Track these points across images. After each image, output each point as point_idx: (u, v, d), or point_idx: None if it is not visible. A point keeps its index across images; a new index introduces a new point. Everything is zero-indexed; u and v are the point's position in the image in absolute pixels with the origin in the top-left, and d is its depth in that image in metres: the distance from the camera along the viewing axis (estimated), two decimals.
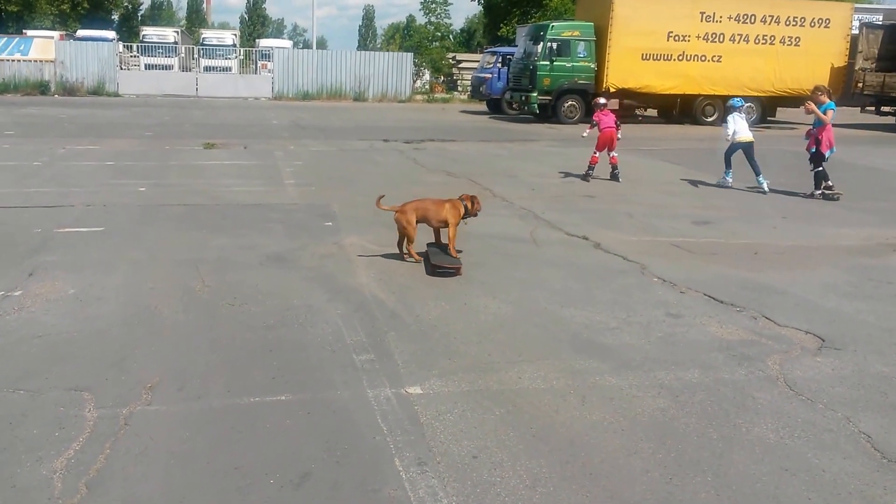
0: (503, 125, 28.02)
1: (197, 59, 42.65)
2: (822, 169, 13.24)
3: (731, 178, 14.49)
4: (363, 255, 8.62)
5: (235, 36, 51.72)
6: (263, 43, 53.57)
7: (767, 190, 13.89)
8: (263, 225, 10.09)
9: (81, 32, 47.66)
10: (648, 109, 30.91)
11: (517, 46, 34.07)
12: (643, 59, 27.90)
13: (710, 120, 28.63)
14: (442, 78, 51.04)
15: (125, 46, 46.31)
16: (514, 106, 31.14)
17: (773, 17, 28.45)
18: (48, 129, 21.49)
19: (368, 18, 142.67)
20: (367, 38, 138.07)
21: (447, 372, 5.38)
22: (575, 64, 28.12)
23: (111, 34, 46.78)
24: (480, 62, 38.47)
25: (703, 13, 28.06)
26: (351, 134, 22.59)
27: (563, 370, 5.49)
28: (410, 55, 44.26)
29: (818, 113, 13.05)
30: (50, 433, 4.32)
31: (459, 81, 49.01)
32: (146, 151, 17.26)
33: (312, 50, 46.22)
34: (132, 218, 10.28)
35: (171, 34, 46.71)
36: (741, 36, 28.40)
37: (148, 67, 41.72)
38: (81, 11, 62.17)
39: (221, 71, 41.73)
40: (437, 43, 65.01)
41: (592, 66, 28.15)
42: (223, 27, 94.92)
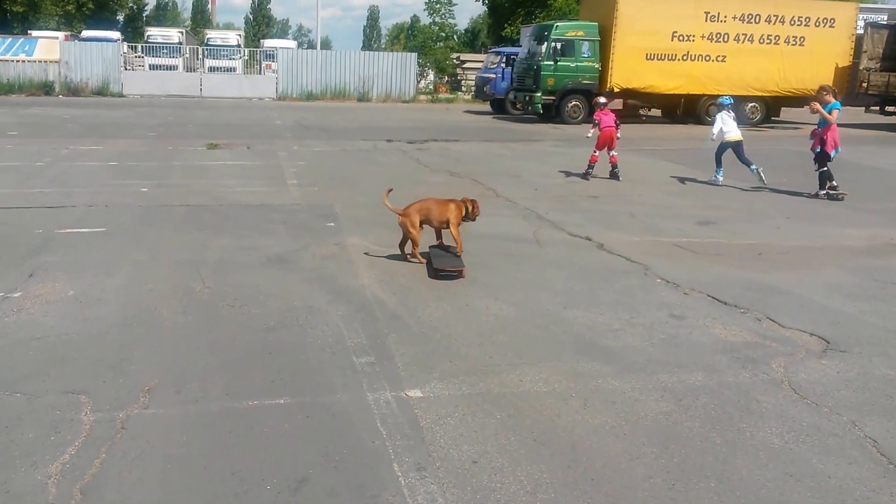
0: (507, 125, 27.96)
1: (201, 59, 42.66)
2: (826, 169, 13.17)
3: (721, 176, 14.63)
4: (365, 255, 8.57)
5: (240, 36, 51.67)
6: (268, 43, 53.62)
7: (764, 178, 14.10)
8: (265, 225, 10.05)
9: (86, 33, 47.64)
10: (652, 109, 30.84)
11: (521, 46, 34.01)
12: (647, 58, 27.83)
13: (713, 120, 28.51)
14: (446, 78, 50.98)
15: (130, 47, 46.31)
16: (517, 106, 31.09)
17: (777, 16, 28.37)
18: (52, 129, 21.47)
19: (373, 19, 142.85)
20: (371, 38, 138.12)
21: (448, 375, 5.33)
22: (579, 64, 28.05)
23: (116, 35, 46.77)
24: (484, 62, 38.43)
25: (707, 13, 27.98)
26: (354, 134, 22.55)
27: (565, 373, 5.44)
28: (414, 55, 44.20)
29: (823, 113, 12.99)
30: (45, 437, 4.28)
31: (463, 81, 48.97)
32: (149, 152, 17.23)
33: (316, 50, 46.22)
34: (134, 218, 10.24)
35: (175, 35, 46.76)
36: (746, 36, 28.32)
37: (152, 68, 41.76)
38: (86, 12, 62.25)
39: (226, 71, 41.75)
40: (441, 43, 64.98)
41: (596, 66, 28.07)
42: (228, 28, 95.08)
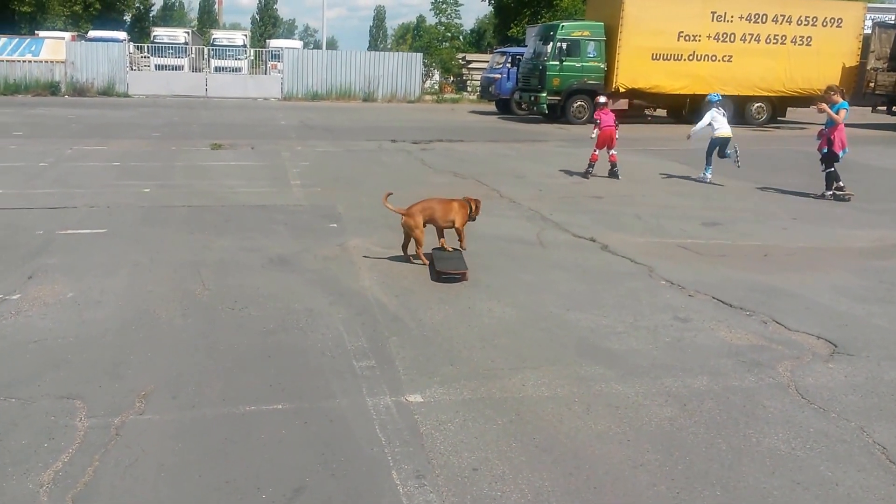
0: (512, 125, 27.86)
1: (207, 59, 42.65)
2: (833, 169, 13.08)
3: (710, 174, 14.88)
4: (367, 257, 8.50)
5: (246, 36, 51.74)
6: (273, 43, 53.59)
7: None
8: (267, 226, 9.99)
9: (93, 33, 47.75)
10: (657, 109, 30.71)
11: (526, 46, 33.91)
12: (653, 59, 27.70)
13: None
14: (452, 78, 50.88)
15: (136, 47, 46.33)
16: (523, 106, 31.01)
17: (784, 16, 28.22)
18: (56, 129, 21.45)
19: (379, 19, 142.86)
20: (377, 38, 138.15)
21: (449, 379, 5.25)
22: (585, 64, 27.93)
23: (122, 35, 46.83)
24: (490, 62, 38.32)
25: (713, 13, 27.84)
26: (359, 134, 22.48)
27: (567, 377, 5.36)
28: (420, 55, 44.12)
29: (830, 113, 12.89)
30: (39, 444, 4.21)
31: (469, 82, 48.85)
32: (153, 152, 17.19)
33: (322, 50, 46.14)
34: (135, 219, 10.19)
35: (181, 35, 46.84)
36: (752, 36, 28.18)
37: (158, 68, 41.76)
38: (93, 12, 62.41)
39: (232, 71, 41.71)
40: (447, 43, 64.83)
41: (602, 66, 27.96)
42: (234, 28, 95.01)
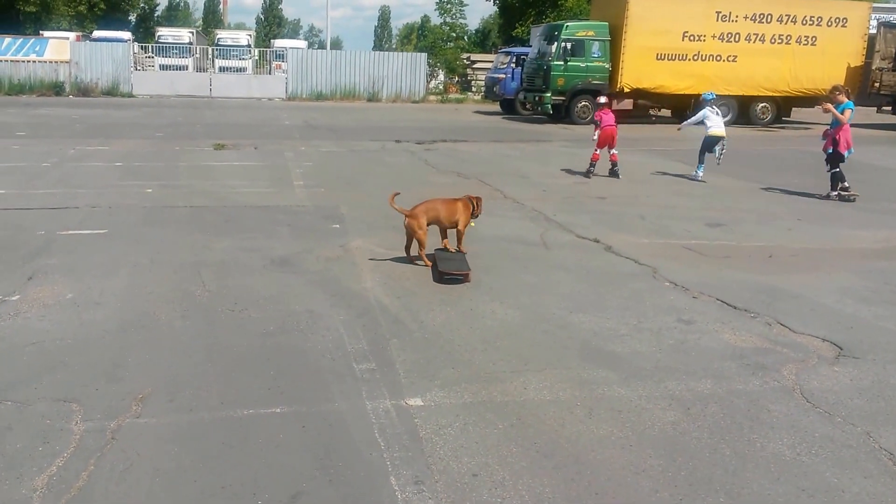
0: (516, 125, 27.80)
1: (211, 59, 42.65)
2: (838, 170, 13.00)
3: (702, 172, 15.07)
4: (369, 258, 8.45)
5: (250, 36, 51.72)
6: (278, 43, 53.55)
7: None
8: (269, 227, 9.94)
9: (97, 33, 47.72)
10: (662, 109, 30.62)
11: (531, 46, 33.85)
12: (658, 58, 27.63)
13: (724, 120, 28.21)
14: (456, 78, 50.82)
15: (141, 47, 46.35)
16: (527, 106, 30.93)
17: (789, 16, 28.12)
18: (59, 129, 21.43)
19: (384, 19, 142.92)
20: (382, 38, 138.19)
21: (450, 382, 5.19)
22: (589, 64, 27.86)
23: (126, 35, 46.80)
24: (494, 62, 38.27)
25: (718, 12, 27.76)
26: (363, 134, 22.43)
27: (570, 380, 5.30)
28: (424, 55, 44.08)
29: (835, 113, 12.81)
30: (34, 448, 4.16)
31: (474, 82, 48.80)
32: (156, 152, 17.15)
33: (326, 50, 46.10)
34: (136, 220, 10.15)
35: (186, 35, 46.84)
36: (757, 35, 28.09)
37: (163, 68, 41.77)
38: (98, 13, 62.40)
39: (236, 71, 41.73)
40: (451, 43, 64.84)
41: (607, 66, 27.88)
42: (239, 28, 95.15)
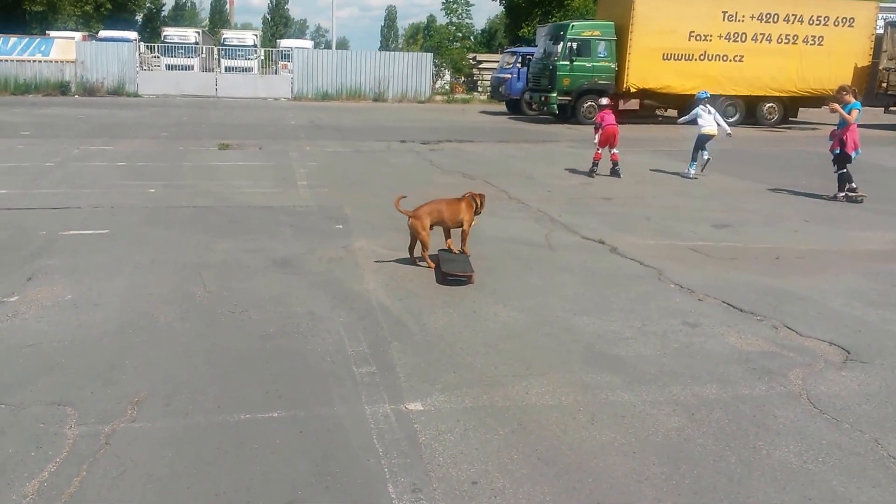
0: (522, 126, 27.72)
1: (217, 59, 42.64)
2: (846, 171, 12.91)
3: (693, 170, 15.29)
4: (372, 259, 8.38)
5: (256, 36, 51.66)
6: (284, 43, 53.52)
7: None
8: (272, 228, 9.88)
9: (103, 33, 47.81)
10: (668, 110, 30.52)
11: (537, 46, 33.76)
12: (664, 59, 27.52)
13: (731, 121, 28.11)
14: (462, 78, 50.76)
15: (147, 47, 46.38)
16: (533, 106, 30.88)
17: (796, 16, 28.00)
18: (64, 129, 21.41)
19: (390, 19, 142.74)
20: (388, 38, 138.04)
21: (451, 386, 5.11)
22: (595, 64, 27.77)
23: (132, 35, 46.87)
24: (500, 62, 38.20)
25: (725, 12, 27.65)
26: (368, 135, 22.38)
27: (573, 384, 5.21)
28: (430, 55, 44.04)
29: (842, 113, 12.72)
30: (26, 452, 4.10)
31: (480, 82, 48.74)
32: (160, 152, 17.12)
33: (332, 50, 46.04)
34: (139, 220, 10.10)
35: (192, 35, 46.83)
36: (764, 35, 27.97)
37: (169, 68, 41.77)
38: (104, 12, 62.48)
39: (242, 71, 41.71)
40: (457, 43, 64.74)
41: (613, 66, 27.79)
42: (246, 28, 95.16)
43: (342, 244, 9.06)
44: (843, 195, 12.90)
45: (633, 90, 27.70)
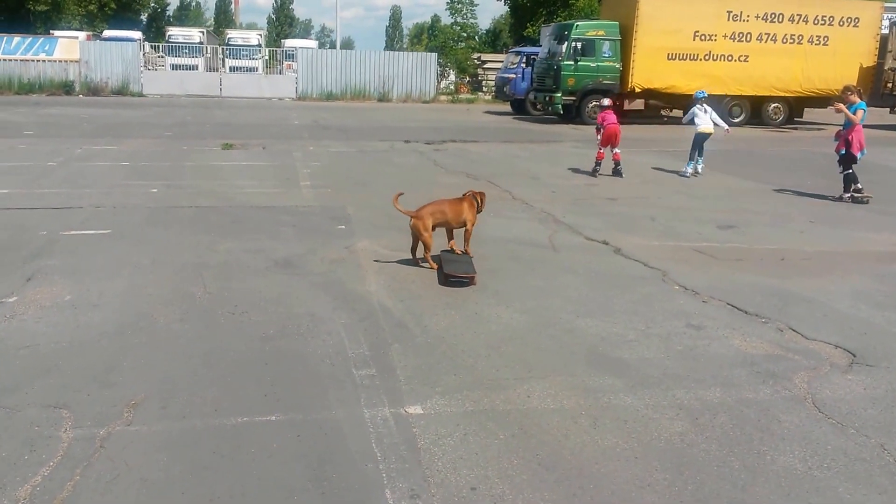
0: (526, 126, 27.64)
1: (222, 59, 42.63)
2: (851, 171, 12.83)
3: (690, 168, 15.50)
4: (375, 260, 8.32)
5: (261, 36, 51.68)
6: (289, 43, 53.52)
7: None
8: (274, 228, 9.83)
9: (107, 33, 47.87)
10: (674, 110, 30.42)
11: (541, 46, 33.68)
12: (669, 58, 27.44)
13: (736, 121, 28.05)
14: (467, 78, 50.69)
15: (151, 47, 46.40)
16: (538, 106, 30.78)
17: (801, 16, 27.91)
18: (68, 128, 21.41)
19: (395, 19, 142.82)
20: (394, 38, 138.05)
21: (451, 389, 5.05)
22: (600, 64, 27.68)
23: (137, 34, 46.88)
24: (504, 62, 38.12)
25: (729, 12, 27.56)
26: (372, 135, 22.33)
27: (575, 388, 5.15)
28: (435, 55, 43.97)
29: (847, 113, 12.64)
30: (20, 456, 4.04)
31: (485, 82, 48.67)
32: (163, 152, 17.08)
33: (336, 50, 46.04)
34: (140, 220, 10.05)
35: (196, 34, 46.83)
36: (768, 35, 27.88)
37: (174, 68, 41.76)
38: (108, 12, 62.52)
39: (246, 71, 41.72)
40: (462, 43, 64.71)
41: (617, 65, 27.70)
42: (251, 28, 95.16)
43: (344, 245, 9.01)
44: (848, 196, 12.83)
45: (637, 90, 27.63)
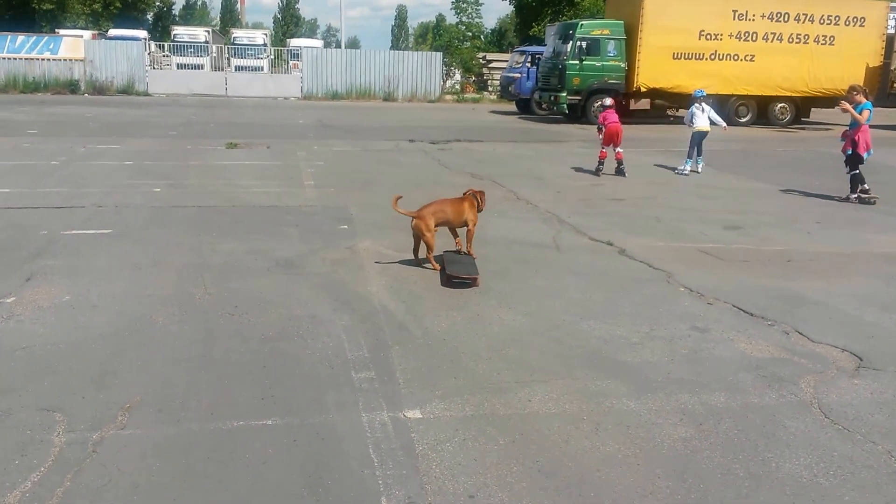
0: (532, 125, 27.56)
1: (227, 58, 42.62)
2: (858, 172, 12.73)
3: (689, 166, 15.67)
4: (377, 261, 8.25)
5: (266, 36, 51.64)
6: (293, 42, 53.53)
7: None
8: (276, 228, 9.76)
9: (113, 32, 47.86)
10: (680, 110, 30.32)
11: (546, 45, 33.59)
12: (674, 58, 27.31)
13: (743, 121, 27.99)
14: (472, 78, 50.59)
15: (157, 46, 46.40)
16: (543, 106, 30.70)
17: (807, 15, 27.78)
18: (72, 127, 21.38)
19: (401, 18, 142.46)
20: (399, 38, 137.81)
21: (451, 393, 4.97)
22: (605, 63, 27.58)
23: (142, 33, 46.90)
24: (509, 62, 38.04)
25: (735, 11, 27.44)
26: (377, 134, 22.27)
27: (577, 392, 5.07)
28: (440, 55, 43.88)
29: (853, 113, 12.54)
30: (10, 461, 3.97)
31: (490, 81, 48.58)
32: (167, 151, 17.04)
33: (341, 49, 45.99)
34: (142, 220, 10.00)
35: (202, 34, 46.85)
36: (774, 35, 27.75)
37: (179, 67, 41.77)
38: (114, 11, 62.55)
39: (252, 70, 41.69)
40: (467, 43, 64.54)
41: (623, 65, 27.60)
42: (256, 27, 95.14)
43: (347, 245, 8.94)
44: (855, 196, 12.73)
45: (643, 89, 27.55)
